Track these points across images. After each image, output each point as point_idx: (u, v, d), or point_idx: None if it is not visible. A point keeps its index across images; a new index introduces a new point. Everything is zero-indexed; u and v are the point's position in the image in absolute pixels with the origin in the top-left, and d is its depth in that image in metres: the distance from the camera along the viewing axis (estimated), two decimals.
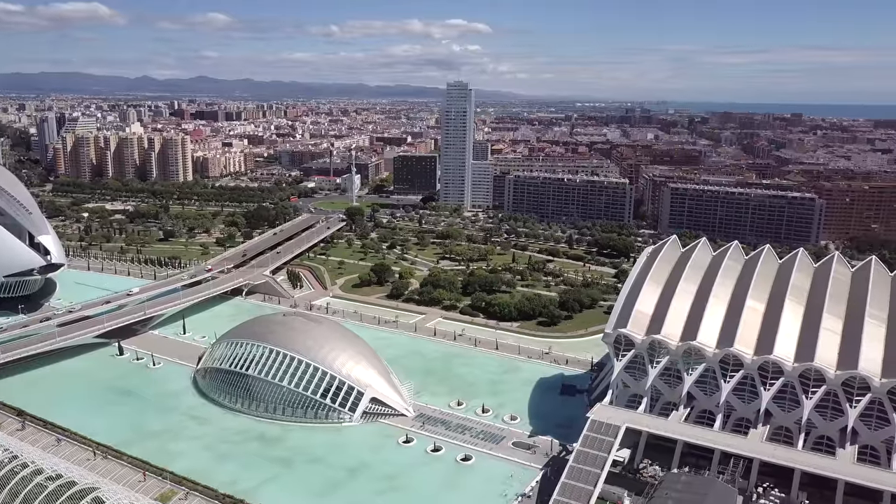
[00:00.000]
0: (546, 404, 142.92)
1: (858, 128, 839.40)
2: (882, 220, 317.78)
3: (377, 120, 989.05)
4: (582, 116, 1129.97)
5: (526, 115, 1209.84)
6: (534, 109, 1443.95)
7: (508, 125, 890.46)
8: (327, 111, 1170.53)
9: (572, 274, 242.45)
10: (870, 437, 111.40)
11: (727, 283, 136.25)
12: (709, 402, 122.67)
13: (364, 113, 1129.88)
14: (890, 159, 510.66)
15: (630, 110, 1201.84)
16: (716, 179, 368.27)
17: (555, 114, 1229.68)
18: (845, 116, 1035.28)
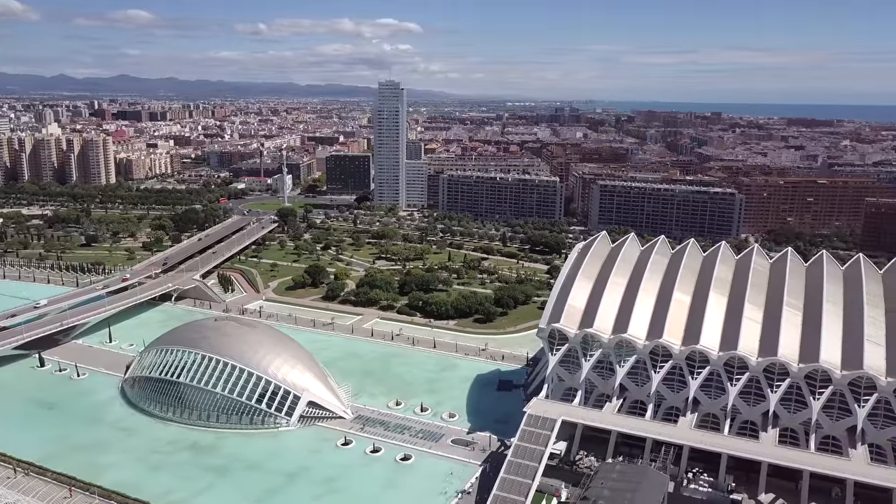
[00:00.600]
0: (484, 401, 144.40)
1: (773, 126, 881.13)
2: (796, 214, 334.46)
3: (308, 119, 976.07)
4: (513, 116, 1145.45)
5: (458, 114, 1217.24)
6: (466, 109, 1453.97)
7: (441, 124, 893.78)
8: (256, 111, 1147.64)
9: (507, 271, 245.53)
10: (789, 419, 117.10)
11: (655, 277, 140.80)
12: (640, 392, 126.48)
13: (295, 112, 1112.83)
14: (802, 155, 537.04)
15: (559, 109, 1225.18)
16: (642, 176, 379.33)
17: (486, 113, 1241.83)
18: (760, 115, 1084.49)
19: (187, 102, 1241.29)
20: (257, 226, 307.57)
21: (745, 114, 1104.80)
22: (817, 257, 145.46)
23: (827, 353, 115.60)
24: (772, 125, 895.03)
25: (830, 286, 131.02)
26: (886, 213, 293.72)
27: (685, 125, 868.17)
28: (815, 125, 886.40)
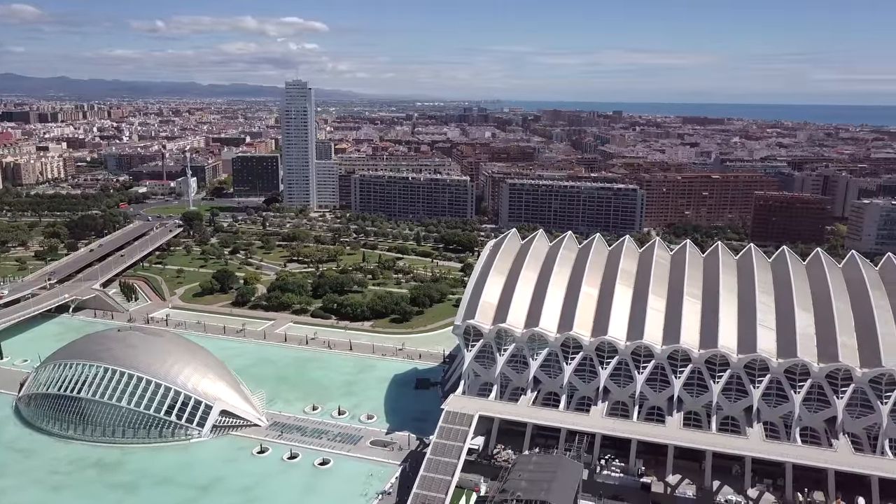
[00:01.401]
0: (402, 400, 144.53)
1: (670, 124, 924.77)
2: (693, 207, 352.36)
3: (213, 120, 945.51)
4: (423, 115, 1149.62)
5: (368, 114, 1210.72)
6: (375, 109, 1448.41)
7: (351, 124, 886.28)
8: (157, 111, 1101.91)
9: (421, 270, 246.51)
10: (692, 403, 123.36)
11: (564, 271, 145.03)
12: (553, 384, 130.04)
13: (198, 113, 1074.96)
14: (697, 152, 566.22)
15: (468, 109, 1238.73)
16: (549, 174, 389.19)
17: (396, 113, 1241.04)
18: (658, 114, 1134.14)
19: (80, 103, 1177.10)
20: (161, 231, 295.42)
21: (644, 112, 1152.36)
22: (713, 248, 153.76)
23: (725, 338, 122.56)
24: (669, 123, 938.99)
25: (726, 275, 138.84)
26: (773, 206, 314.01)
27: (589, 124, 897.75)
28: (708, 123, 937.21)
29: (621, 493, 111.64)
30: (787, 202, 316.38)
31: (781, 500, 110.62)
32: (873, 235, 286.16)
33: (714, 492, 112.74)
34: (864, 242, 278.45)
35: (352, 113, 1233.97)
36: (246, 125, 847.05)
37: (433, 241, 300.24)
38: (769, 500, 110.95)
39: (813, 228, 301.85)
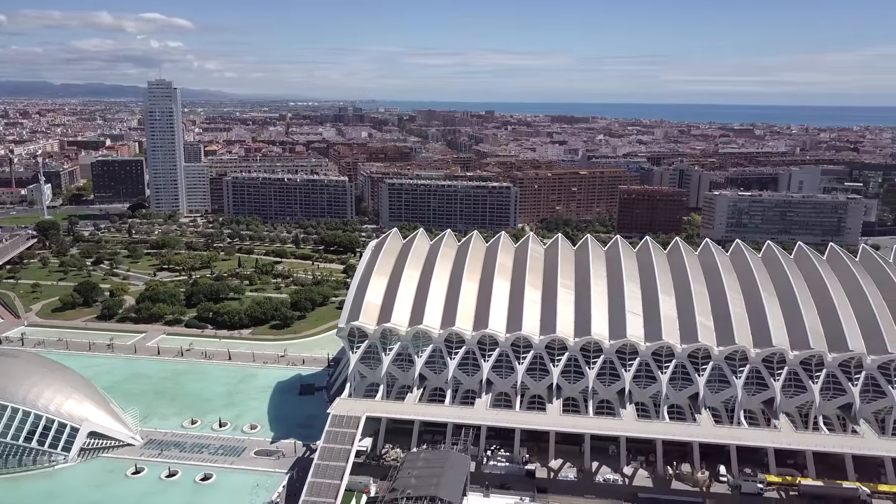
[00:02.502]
0: (286, 407, 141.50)
1: (539, 123, 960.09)
2: (564, 202, 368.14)
3: (68, 122, 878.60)
4: (297, 116, 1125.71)
5: (238, 114, 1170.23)
6: (246, 109, 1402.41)
7: (221, 125, 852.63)
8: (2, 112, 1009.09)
9: (302, 273, 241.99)
10: (570, 389, 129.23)
11: (445, 269, 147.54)
12: (439, 380, 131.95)
13: (50, 114, 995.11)
14: (565, 150, 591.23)
15: (343, 109, 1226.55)
16: (427, 174, 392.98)
17: (269, 113, 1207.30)
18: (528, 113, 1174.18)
19: None
20: (11, 243, 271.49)
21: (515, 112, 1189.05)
22: (583, 241, 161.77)
23: (597, 326, 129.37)
24: (538, 122, 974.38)
25: (595, 266, 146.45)
26: (636, 199, 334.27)
27: (462, 124, 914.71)
28: (574, 122, 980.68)
29: (508, 482, 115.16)
30: (648, 195, 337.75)
31: (654, 474, 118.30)
32: (724, 224, 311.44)
33: (593, 472, 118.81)
34: (716, 230, 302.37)
35: (221, 113, 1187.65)
36: (105, 127, 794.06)
37: (313, 243, 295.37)
38: (643, 476, 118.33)
39: (671, 219, 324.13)
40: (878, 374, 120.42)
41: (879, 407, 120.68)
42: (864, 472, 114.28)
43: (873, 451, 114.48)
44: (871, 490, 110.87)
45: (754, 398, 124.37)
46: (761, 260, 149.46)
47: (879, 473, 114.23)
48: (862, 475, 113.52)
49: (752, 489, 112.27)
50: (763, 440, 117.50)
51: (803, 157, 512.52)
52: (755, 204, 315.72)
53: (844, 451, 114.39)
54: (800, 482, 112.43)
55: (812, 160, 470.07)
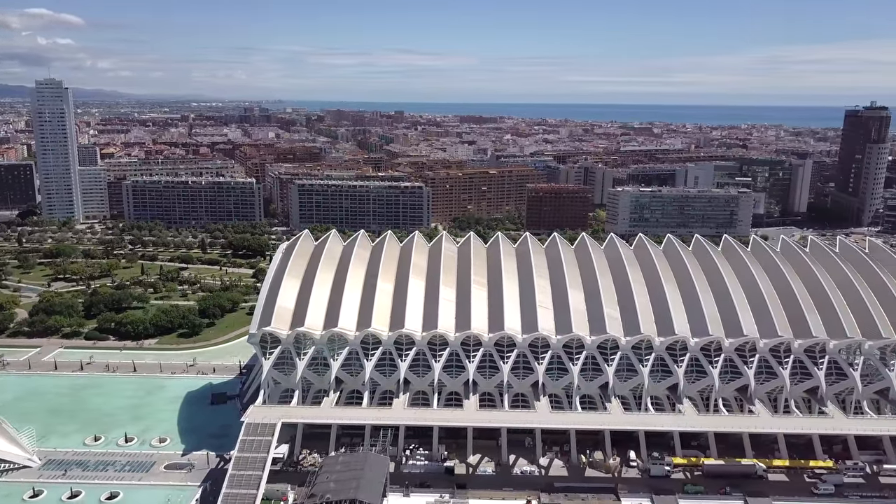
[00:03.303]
0: (197, 418, 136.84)
1: (448, 123, 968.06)
2: (475, 201, 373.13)
3: None
4: (200, 116, 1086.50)
5: (137, 115, 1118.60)
6: (145, 110, 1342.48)
7: (118, 127, 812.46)
8: None
9: (210, 279, 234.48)
10: (486, 384, 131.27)
11: (359, 270, 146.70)
12: (356, 382, 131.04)
13: None
14: (475, 149, 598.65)
15: (249, 109, 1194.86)
16: (338, 174, 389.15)
17: (170, 114, 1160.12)
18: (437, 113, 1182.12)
19: None
20: None
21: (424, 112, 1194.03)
22: (494, 239, 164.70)
23: (510, 321, 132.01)
24: (447, 122, 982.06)
25: (507, 263, 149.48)
26: (543, 196, 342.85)
27: (372, 124, 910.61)
28: (482, 122, 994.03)
29: (427, 480, 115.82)
30: (555, 193, 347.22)
31: (568, 464, 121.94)
32: (627, 219, 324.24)
33: (511, 465, 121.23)
34: (620, 225, 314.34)
35: (118, 114, 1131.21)
36: None
37: (220, 247, 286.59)
38: (558, 466, 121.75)
39: (578, 215, 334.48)
40: (769, 356, 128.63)
41: (772, 387, 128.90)
42: (760, 449, 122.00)
43: (767, 428, 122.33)
44: (766, 466, 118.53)
45: (660, 385, 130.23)
46: (662, 252, 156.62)
47: (773, 449, 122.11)
48: (758, 452, 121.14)
49: (661, 472, 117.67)
50: (669, 424, 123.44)
51: (698, 153, 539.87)
52: (655, 199, 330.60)
53: (742, 431, 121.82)
54: (703, 462, 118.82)
55: (706, 157, 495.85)
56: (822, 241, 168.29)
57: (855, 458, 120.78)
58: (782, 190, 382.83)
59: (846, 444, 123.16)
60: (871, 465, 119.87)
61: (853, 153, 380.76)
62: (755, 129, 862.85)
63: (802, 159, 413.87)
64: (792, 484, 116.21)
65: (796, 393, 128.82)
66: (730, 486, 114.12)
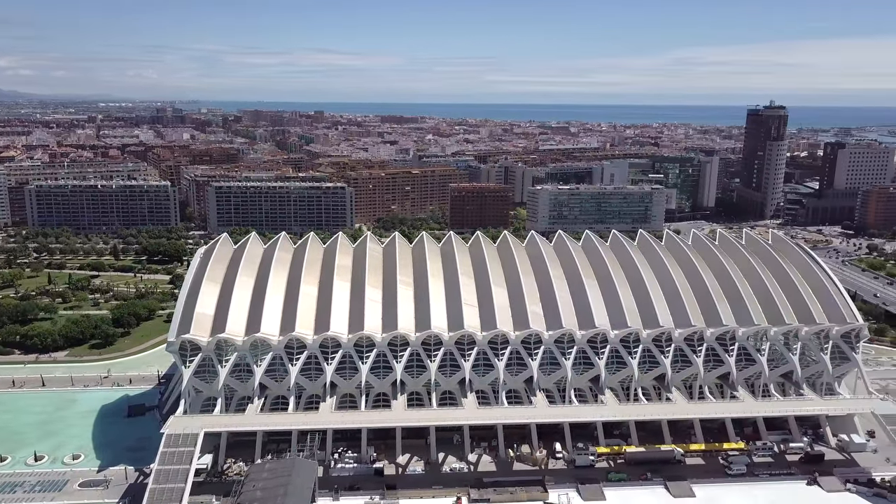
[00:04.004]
0: (113, 432, 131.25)
1: (370, 123, 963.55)
2: (398, 201, 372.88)
3: None
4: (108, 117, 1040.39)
5: (40, 116, 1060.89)
6: (48, 110, 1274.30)
7: (18, 128, 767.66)
8: None
9: (123, 287, 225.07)
10: (414, 384, 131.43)
11: (281, 273, 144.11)
12: (281, 387, 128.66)
13: None
14: (397, 149, 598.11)
15: (161, 110, 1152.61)
16: (257, 176, 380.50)
17: (76, 115, 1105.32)
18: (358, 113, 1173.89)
19: None
20: None
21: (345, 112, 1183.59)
22: (419, 238, 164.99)
23: (436, 320, 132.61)
24: (368, 122, 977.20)
25: (432, 262, 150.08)
26: (466, 195, 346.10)
27: (291, 124, 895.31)
28: (404, 122, 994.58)
29: (357, 483, 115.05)
30: (477, 192, 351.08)
31: (496, 458, 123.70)
32: (546, 216, 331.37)
33: (440, 463, 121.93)
34: (540, 223, 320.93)
35: (18, 115, 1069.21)
36: None
37: (134, 253, 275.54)
38: (486, 461, 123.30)
39: (500, 214, 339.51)
40: (684, 345, 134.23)
41: (687, 375, 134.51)
42: (678, 435, 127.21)
43: (684, 415, 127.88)
44: (684, 450, 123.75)
45: (582, 377, 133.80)
46: (581, 248, 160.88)
47: (690, 434, 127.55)
48: (676, 438, 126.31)
49: (585, 461, 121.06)
50: (592, 415, 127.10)
51: (613, 151, 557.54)
52: (573, 197, 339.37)
53: (660, 418, 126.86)
54: (625, 450, 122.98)
55: (620, 154, 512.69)
56: (729, 234, 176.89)
57: (764, 439, 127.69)
58: (692, 186, 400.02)
59: (756, 426, 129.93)
60: (778, 444, 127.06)
61: (755, 150, 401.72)
62: (666, 127, 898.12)
63: (710, 156, 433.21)
64: (708, 466, 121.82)
65: (710, 379, 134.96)
66: (651, 472, 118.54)
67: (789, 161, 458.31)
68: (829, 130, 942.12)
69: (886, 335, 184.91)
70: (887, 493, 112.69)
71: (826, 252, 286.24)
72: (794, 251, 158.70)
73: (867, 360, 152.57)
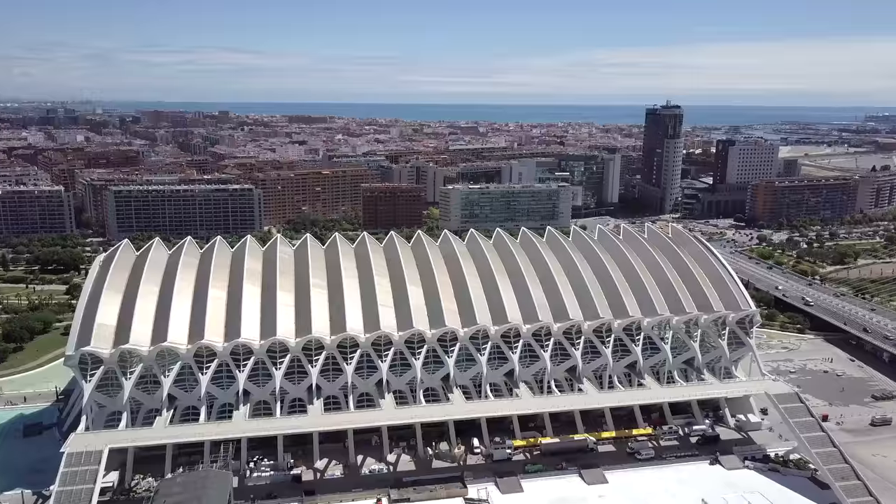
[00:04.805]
0: (7, 454, 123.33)
1: (277, 123, 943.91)
2: (309, 203, 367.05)
3: None
4: None
5: None
6: None
7: None
8: None
9: (14, 299, 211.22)
10: (329, 388, 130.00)
11: (188, 279, 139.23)
12: (190, 398, 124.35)
13: None
14: (306, 149, 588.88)
15: (52, 111, 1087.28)
16: (159, 179, 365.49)
17: None
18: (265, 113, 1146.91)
19: None
20: None
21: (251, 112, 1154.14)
22: (332, 240, 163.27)
23: (352, 322, 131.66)
24: (276, 123, 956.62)
25: (346, 263, 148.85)
26: (378, 196, 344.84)
27: (195, 125, 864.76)
28: (312, 122, 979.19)
29: (274, 491, 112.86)
30: (390, 192, 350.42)
31: (415, 457, 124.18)
32: (459, 215, 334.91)
33: (359, 466, 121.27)
34: (453, 222, 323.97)
35: None
36: None
37: (26, 262, 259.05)
38: (406, 461, 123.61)
39: (413, 213, 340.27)
40: (593, 336, 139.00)
41: (597, 365, 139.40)
42: (591, 424, 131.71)
43: (595, 404, 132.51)
44: (596, 439, 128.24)
45: (497, 372, 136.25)
46: (493, 246, 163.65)
47: (602, 423, 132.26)
48: (589, 427, 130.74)
49: (503, 455, 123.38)
50: (508, 409, 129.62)
51: (520, 151, 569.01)
52: (484, 196, 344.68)
53: (573, 408, 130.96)
54: (541, 442, 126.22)
55: (528, 154, 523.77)
56: (632, 229, 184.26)
57: (670, 423, 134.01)
58: (596, 183, 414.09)
59: (662, 412, 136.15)
60: (682, 427, 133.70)
61: (654, 148, 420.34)
62: (571, 126, 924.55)
63: (612, 154, 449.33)
64: (619, 453, 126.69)
65: (618, 369, 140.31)
66: (566, 462, 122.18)
67: (685, 158, 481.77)
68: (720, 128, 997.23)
69: (776, 320, 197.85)
70: (780, 468, 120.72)
71: (721, 243, 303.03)
72: (692, 243, 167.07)
73: (760, 344, 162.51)
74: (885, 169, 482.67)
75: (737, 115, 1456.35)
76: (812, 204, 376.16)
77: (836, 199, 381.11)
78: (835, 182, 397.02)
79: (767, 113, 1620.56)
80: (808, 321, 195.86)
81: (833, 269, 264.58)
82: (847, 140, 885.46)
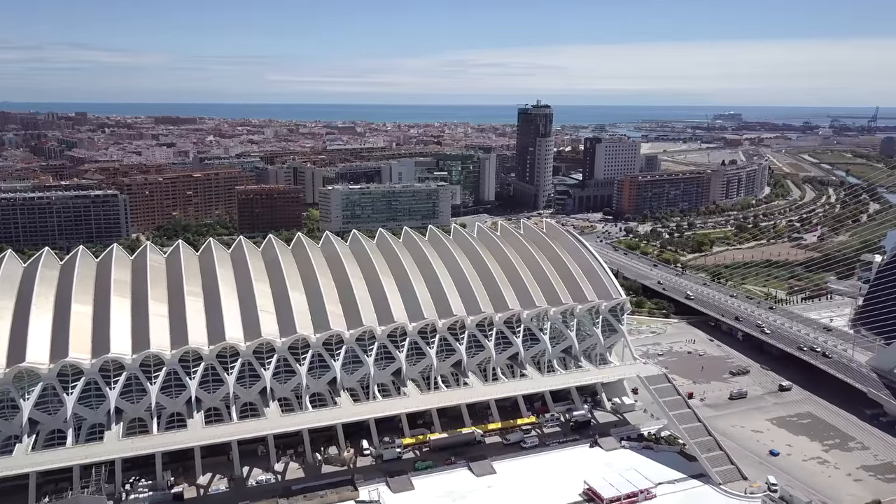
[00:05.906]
0: None
1: (142, 125, 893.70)
2: (180, 207, 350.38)
3: None
4: None
5: None
6: None
7: None
8: None
9: None
10: (211, 399, 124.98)
11: (48, 294, 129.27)
12: (55, 420, 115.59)
13: None
14: (175, 152, 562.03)
15: None
16: (9, 186, 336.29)
17: None
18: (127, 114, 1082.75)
19: None
20: None
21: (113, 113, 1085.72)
22: (206, 245, 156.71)
23: (231, 330, 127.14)
24: (141, 124, 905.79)
25: (222, 270, 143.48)
26: (254, 198, 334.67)
27: (49, 127, 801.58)
28: (181, 123, 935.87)
29: None
30: (267, 194, 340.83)
31: (304, 464, 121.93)
32: (340, 216, 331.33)
33: (245, 477, 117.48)
34: (334, 223, 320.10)
35: None
36: None
37: None
38: (294, 468, 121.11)
39: (291, 215, 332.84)
40: (476, 331, 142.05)
41: (481, 359, 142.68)
42: (477, 417, 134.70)
43: (480, 397, 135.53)
44: (483, 431, 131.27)
45: (385, 371, 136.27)
46: (376, 246, 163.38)
47: (488, 415, 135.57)
48: (476, 420, 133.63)
49: (393, 454, 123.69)
50: (396, 408, 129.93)
51: (399, 150, 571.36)
52: (365, 196, 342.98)
53: (459, 403, 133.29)
54: (429, 438, 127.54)
55: (406, 153, 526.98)
56: (509, 225, 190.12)
57: (552, 411, 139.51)
58: (474, 182, 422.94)
59: (544, 400, 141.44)
60: (563, 414, 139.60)
61: (527, 146, 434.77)
62: (447, 126, 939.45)
63: (488, 153, 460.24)
64: (506, 443, 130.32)
65: (501, 361, 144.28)
66: (455, 456, 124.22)
67: (556, 155, 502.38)
68: (587, 127, 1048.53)
69: (644, 307, 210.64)
70: (654, 445, 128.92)
71: (592, 236, 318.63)
72: (565, 237, 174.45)
73: (630, 330, 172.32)
74: (733, 163, 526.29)
75: (601, 114, 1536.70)
76: (671, 196, 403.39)
77: (692, 192, 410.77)
78: (690, 176, 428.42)
79: (630, 112, 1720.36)
80: (672, 306, 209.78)
81: (692, 257, 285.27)
82: (700, 137, 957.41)
